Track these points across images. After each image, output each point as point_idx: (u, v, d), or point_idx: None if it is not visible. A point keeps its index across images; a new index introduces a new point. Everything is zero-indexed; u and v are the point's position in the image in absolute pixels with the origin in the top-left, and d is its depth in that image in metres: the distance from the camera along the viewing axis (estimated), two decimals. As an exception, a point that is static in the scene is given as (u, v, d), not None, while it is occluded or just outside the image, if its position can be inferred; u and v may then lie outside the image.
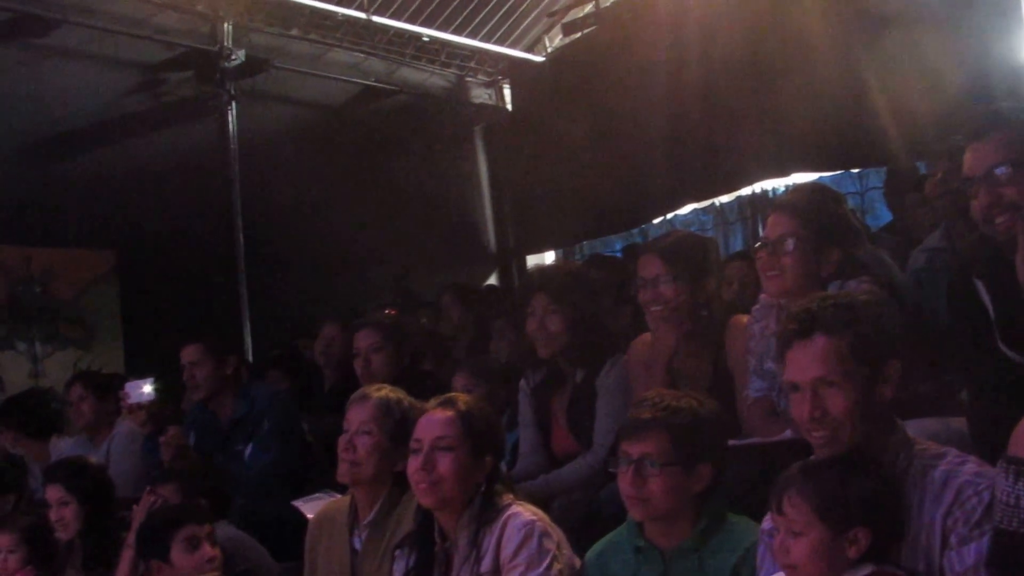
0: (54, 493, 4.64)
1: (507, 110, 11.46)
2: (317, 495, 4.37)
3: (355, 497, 3.76)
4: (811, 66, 7.97)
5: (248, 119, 9.25)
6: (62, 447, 6.05)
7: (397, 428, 3.64)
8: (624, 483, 2.96)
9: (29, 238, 8.10)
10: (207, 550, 3.99)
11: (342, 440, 3.69)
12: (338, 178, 9.54)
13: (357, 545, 3.68)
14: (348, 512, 3.76)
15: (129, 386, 5.40)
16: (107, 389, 5.91)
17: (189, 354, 5.36)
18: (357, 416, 3.70)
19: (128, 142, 8.61)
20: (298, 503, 4.42)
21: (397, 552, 3.40)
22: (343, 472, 3.70)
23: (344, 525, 3.75)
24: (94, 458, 5.14)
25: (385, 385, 3.85)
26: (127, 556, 4.39)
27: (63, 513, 4.60)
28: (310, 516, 4.14)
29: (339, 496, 4.04)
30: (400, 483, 3.62)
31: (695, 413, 2.96)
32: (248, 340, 8.87)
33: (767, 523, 2.66)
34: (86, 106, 8.42)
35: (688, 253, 3.88)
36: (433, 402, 3.36)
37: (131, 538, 4.41)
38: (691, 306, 3.85)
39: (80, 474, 4.71)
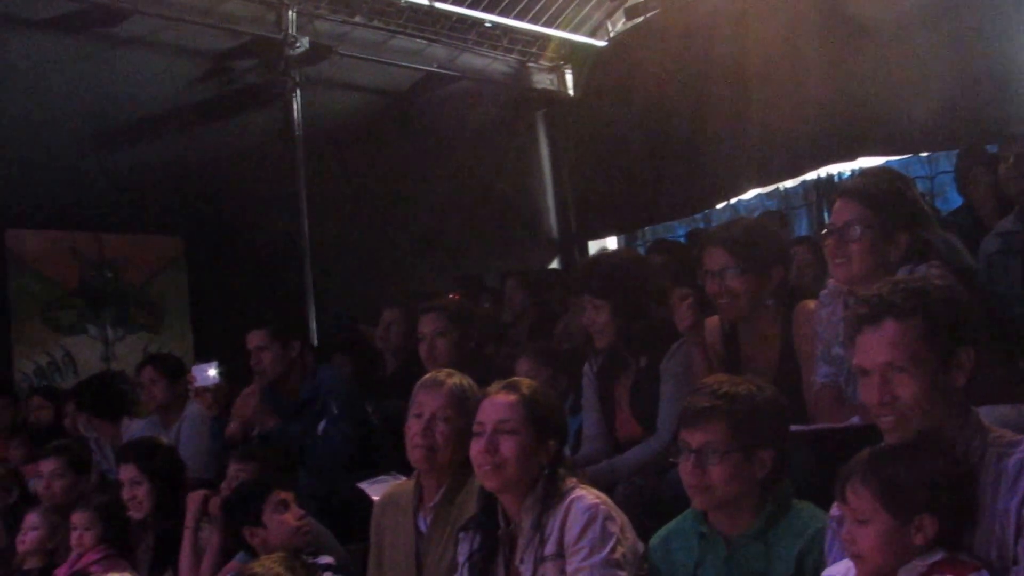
0: (127, 472, 4.73)
1: (569, 95, 11.43)
2: (382, 477, 4.41)
3: (421, 480, 3.78)
4: (879, 47, 7.86)
5: (312, 106, 9.34)
6: (133, 429, 6.16)
7: (470, 415, 3.65)
8: (685, 473, 2.95)
9: (101, 224, 8.27)
10: (296, 510, 4.05)
11: (416, 425, 3.68)
12: (401, 164, 9.59)
13: (422, 527, 3.71)
14: (413, 494, 3.79)
15: (195, 369, 5.48)
16: (178, 372, 6.00)
17: (255, 339, 5.41)
18: (432, 402, 3.69)
19: (196, 130, 8.74)
20: (364, 485, 4.46)
21: (461, 535, 3.41)
22: (418, 458, 3.70)
23: (409, 507, 3.77)
24: (165, 439, 5.24)
25: (454, 371, 3.86)
26: (188, 537, 4.48)
27: (135, 492, 4.70)
28: (375, 498, 4.18)
29: (404, 479, 4.07)
30: (465, 467, 3.65)
31: (753, 399, 2.93)
32: (313, 324, 8.96)
33: (835, 510, 2.63)
34: (155, 94, 8.55)
35: (755, 243, 3.84)
36: (496, 386, 3.37)
37: (190, 520, 4.50)
38: (758, 296, 3.83)
39: (152, 454, 4.80)
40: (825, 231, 3.57)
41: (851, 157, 8.76)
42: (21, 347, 7.98)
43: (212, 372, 5.33)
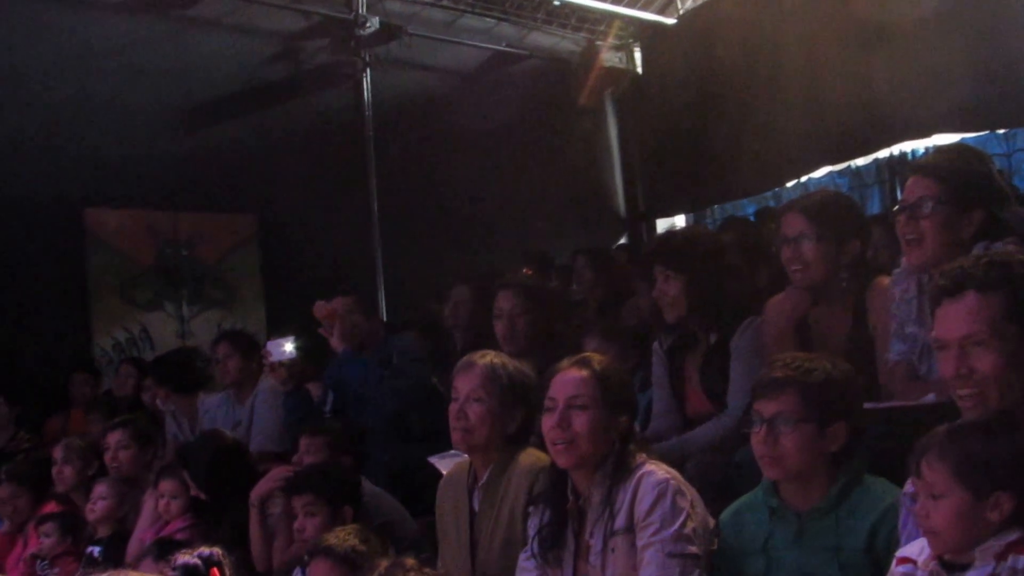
0: (166, 486, 4.91)
1: (638, 73, 11.37)
2: (453, 452, 4.46)
3: (472, 460, 3.84)
4: (954, 23, 7.72)
5: (382, 85, 9.39)
6: (209, 403, 6.29)
7: (505, 392, 3.68)
8: (757, 442, 2.96)
9: (176, 203, 8.41)
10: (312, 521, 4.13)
11: (453, 408, 3.74)
12: (469, 142, 9.62)
13: (476, 506, 3.76)
14: (468, 474, 3.84)
15: (270, 345, 5.56)
16: (251, 348, 6.11)
17: (342, 305, 5.50)
18: (466, 384, 3.73)
19: (267, 110, 8.85)
20: (434, 459, 4.51)
21: (531, 508, 3.45)
22: (457, 440, 3.76)
23: (464, 486, 3.82)
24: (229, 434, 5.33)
25: (489, 352, 3.89)
26: (254, 515, 4.57)
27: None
28: (444, 472, 4.23)
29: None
30: (511, 445, 3.69)
31: (828, 373, 2.94)
32: (382, 302, 9.05)
33: (909, 487, 2.62)
34: (228, 75, 8.66)
35: (833, 212, 3.80)
36: (567, 361, 3.39)
37: (254, 498, 4.58)
38: (832, 267, 3.80)
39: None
40: (897, 208, 3.53)
41: (926, 134, 8.62)
42: (100, 323, 8.16)
43: (288, 347, 5.41)
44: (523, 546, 3.51)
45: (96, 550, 5.08)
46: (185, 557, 2.54)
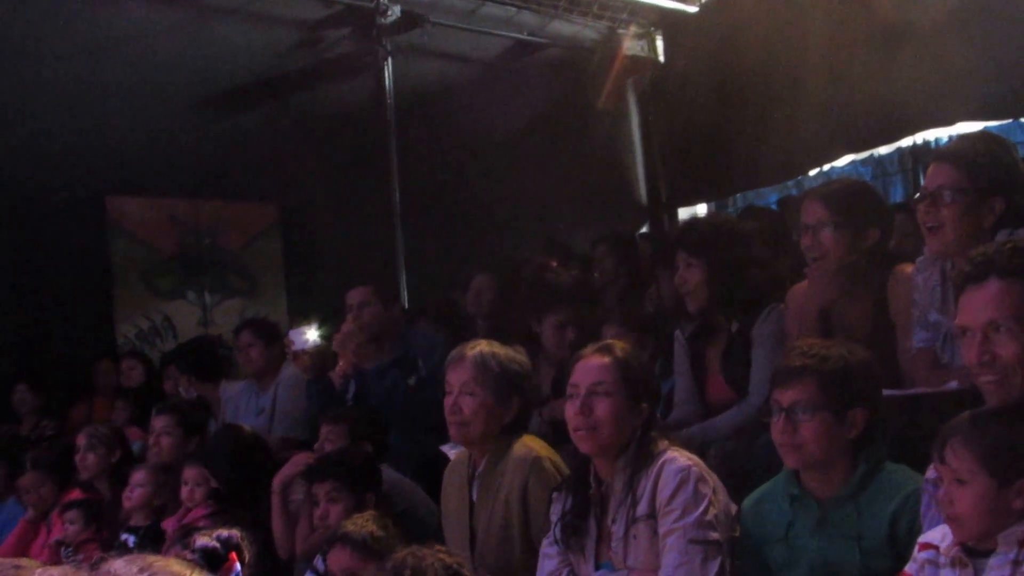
0: (190, 474, 4.94)
1: (660, 62, 11.33)
2: None
3: (470, 451, 3.85)
4: (978, 13, 7.66)
5: (403, 74, 9.39)
6: (231, 392, 6.32)
7: (498, 382, 3.69)
8: (776, 431, 2.97)
9: (198, 192, 8.43)
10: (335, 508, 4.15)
11: (447, 402, 3.76)
12: (491, 131, 9.61)
13: (475, 496, 3.77)
14: (468, 464, 3.85)
15: (293, 333, 5.57)
16: (273, 336, 6.13)
17: (358, 295, 5.50)
18: (458, 377, 3.75)
19: (289, 98, 8.85)
20: (445, 448, 4.53)
21: (554, 495, 3.46)
22: (453, 433, 3.80)
23: (464, 476, 3.84)
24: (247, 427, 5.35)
25: (480, 341, 3.89)
26: (276, 501, 4.59)
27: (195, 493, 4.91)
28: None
29: None
30: (507, 435, 3.70)
31: (845, 360, 2.94)
32: (404, 291, 9.06)
33: (931, 473, 2.62)
34: (249, 64, 8.66)
35: (852, 201, 3.79)
36: (590, 348, 3.40)
37: (276, 484, 4.60)
38: (851, 255, 3.78)
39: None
40: (918, 196, 3.51)
41: (949, 122, 8.56)
42: (122, 312, 8.18)
43: (310, 335, 5.42)
44: (521, 535, 3.52)
45: (131, 539, 5.10)
46: (204, 540, 2.55)
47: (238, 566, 2.42)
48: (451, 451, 4.47)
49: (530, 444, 3.69)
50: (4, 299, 7.59)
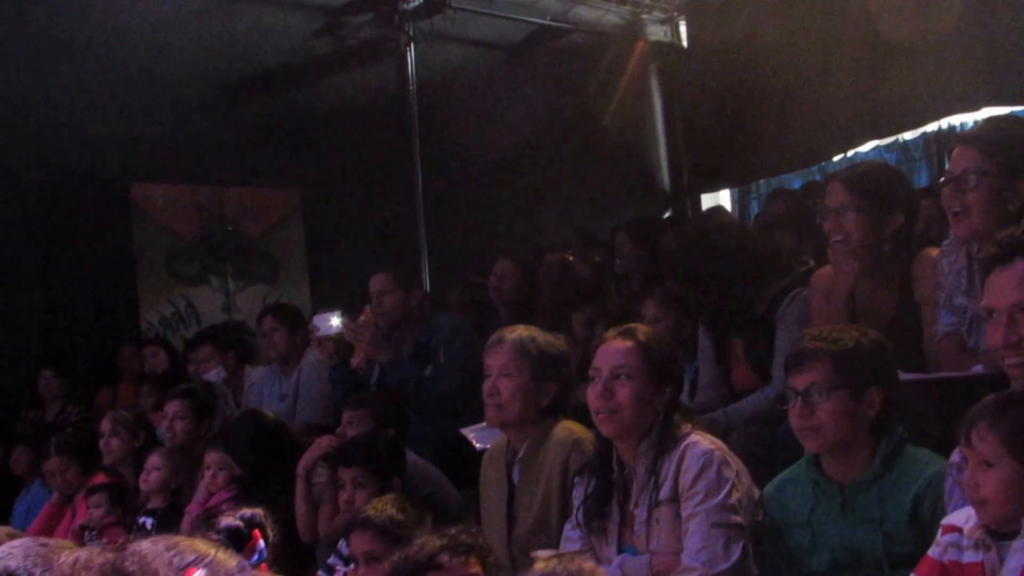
0: (212, 458, 4.95)
1: (683, 47, 11.28)
2: (483, 424, 4.48)
3: (508, 435, 3.85)
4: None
5: (426, 60, 9.39)
6: (254, 377, 6.34)
7: (536, 366, 3.69)
8: (794, 416, 2.96)
9: (221, 178, 8.46)
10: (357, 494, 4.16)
11: (486, 385, 3.76)
12: (513, 117, 9.59)
13: (516, 479, 3.77)
14: (506, 448, 3.85)
15: (317, 319, 5.58)
16: (297, 321, 6.14)
17: (378, 283, 5.50)
18: (496, 360, 3.76)
19: (312, 84, 8.86)
20: (466, 431, 4.53)
21: (576, 479, 3.46)
22: (491, 416, 3.79)
23: (503, 461, 3.85)
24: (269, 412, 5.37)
25: (519, 326, 3.89)
26: (300, 484, 4.61)
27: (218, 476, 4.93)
28: (477, 445, 4.26)
29: None
30: (547, 418, 3.70)
31: (857, 340, 2.95)
32: (427, 276, 9.07)
33: (956, 456, 2.60)
34: (272, 50, 8.68)
35: (876, 185, 3.75)
36: (612, 332, 3.39)
37: (300, 468, 4.62)
38: (874, 239, 3.75)
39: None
40: (942, 180, 3.48)
41: (975, 107, 8.49)
42: (147, 298, 8.23)
43: (334, 321, 5.43)
44: (559, 518, 3.52)
45: (148, 521, 5.14)
46: (227, 519, 2.56)
47: (262, 544, 2.43)
48: (472, 433, 4.48)
49: (570, 427, 3.69)
50: (30, 285, 7.66)
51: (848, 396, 2.89)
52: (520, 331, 3.80)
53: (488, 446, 4.12)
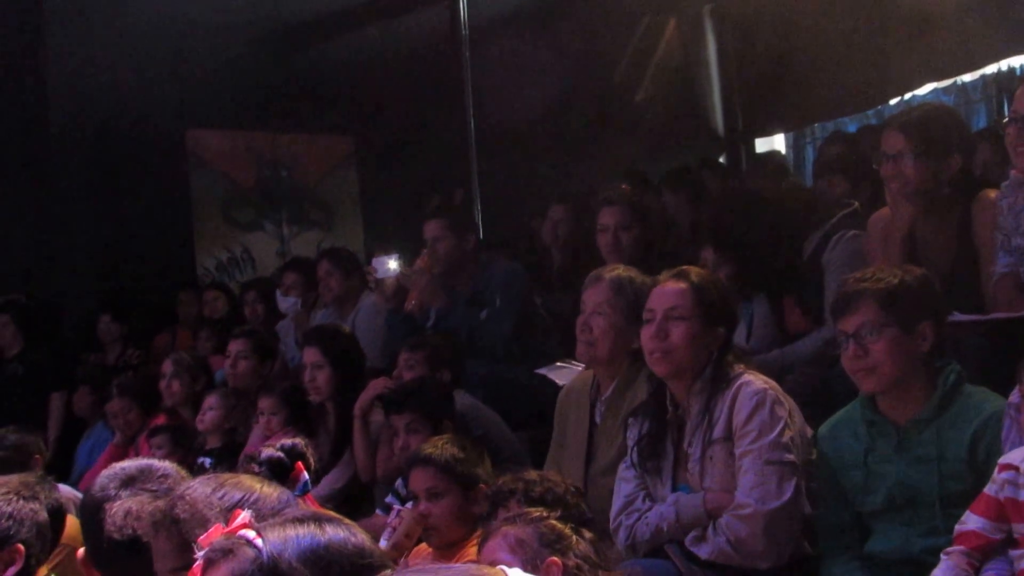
0: (310, 356, 4.93)
1: (739, -12, 11.11)
2: (558, 364, 4.51)
3: (596, 373, 3.86)
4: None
5: (478, 5, 9.33)
6: (311, 320, 6.41)
7: (631, 307, 3.68)
8: (847, 359, 2.96)
9: (276, 125, 8.52)
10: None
11: (579, 321, 3.78)
12: (565, 60, 9.52)
13: (597, 419, 3.80)
14: (591, 386, 3.88)
15: (376, 262, 5.62)
16: (352, 265, 6.19)
17: (432, 229, 5.51)
18: (592, 297, 3.77)
19: (364, 31, 8.87)
20: (543, 371, 4.56)
21: (630, 420, 3.47)
22: (581, 352, 3.81)
23: (586, 399, 3.87)
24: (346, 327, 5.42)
25: (619, 265, 3.90)
26: (358, 425, 4.67)
27: (316, 376, 4.89)
28: (560, 382, 4.28)
29: (580, 366, 4.16)
30: (637, 361, 3.69)
31: (900, 277, 2.94)
32: (480, 221, 9.09)
33: (1014, 397, 2.60)
34: (325, -3, 8.69)
35: (933, 128, 3.71)
36: (666, 274, 3.40)
37: (357, 409, 4.68)
38: (932, 183, 3.72)
39: (335, 339, 5.00)
40: (1007, 120, 3.44)
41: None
42: (203, 244, 8.35)
43: (393, 264, 5.46)
44: None
45: (207, 461, 5.21)
46: (268, 451, 2.60)
47: (305, 475, 2.46)
48: (550, 373, 4.51)
49: None
50: (88, 232, 7.79)
51: (899, 332, 2.88)
52: (619, 271, 3.82)
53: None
